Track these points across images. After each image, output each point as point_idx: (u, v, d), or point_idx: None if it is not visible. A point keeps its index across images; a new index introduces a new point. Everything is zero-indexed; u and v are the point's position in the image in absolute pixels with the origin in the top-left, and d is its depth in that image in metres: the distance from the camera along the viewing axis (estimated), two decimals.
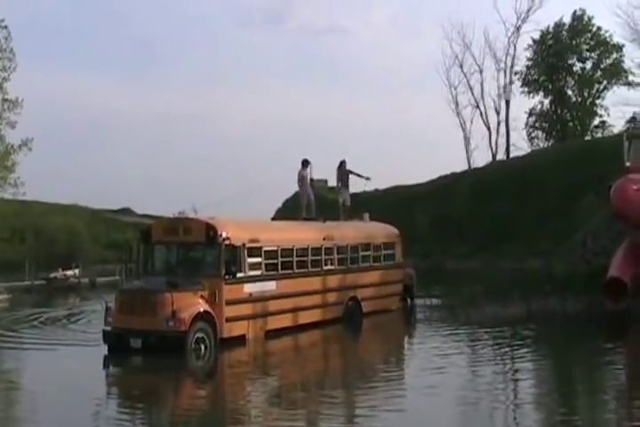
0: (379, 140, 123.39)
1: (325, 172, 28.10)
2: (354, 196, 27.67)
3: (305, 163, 24.99)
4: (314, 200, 25.20)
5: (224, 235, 19.36)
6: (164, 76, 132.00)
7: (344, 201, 26.32)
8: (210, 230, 19.51)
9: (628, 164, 25.96)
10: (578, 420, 11.81)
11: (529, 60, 70.44)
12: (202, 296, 18.79)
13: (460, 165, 70.43)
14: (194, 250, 20.50)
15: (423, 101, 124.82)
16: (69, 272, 52.58)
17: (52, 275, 51.55)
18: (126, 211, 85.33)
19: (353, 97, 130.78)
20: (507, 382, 15.05)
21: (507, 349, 18.59)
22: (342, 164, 26.09)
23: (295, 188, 26.62)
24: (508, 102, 71.74)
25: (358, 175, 26.18)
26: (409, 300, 27.07)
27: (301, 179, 25.06)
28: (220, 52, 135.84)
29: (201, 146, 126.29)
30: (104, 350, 18.65)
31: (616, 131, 62.80)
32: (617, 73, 67.52)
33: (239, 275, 19.54)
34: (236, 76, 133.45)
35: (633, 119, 62.00)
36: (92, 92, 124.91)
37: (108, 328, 18.86)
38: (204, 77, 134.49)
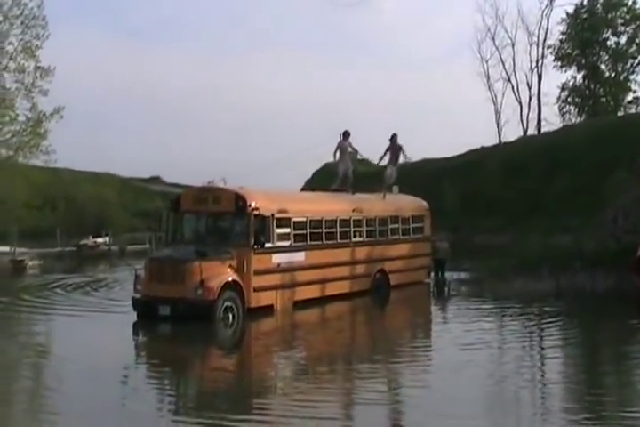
0: (409, 113, 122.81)
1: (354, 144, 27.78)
2: (384, 168, 27.54)
3: (345, 134, 24.96)
4: (352, 173, 25.19)
5: (253, 205, 19.44)
6: (193, 46, 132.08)
7: (390, 176, 26.09)
8: (239, 200, 19.58)
9: None
10: (607, 400, 11.66)
11: (562, 33, 69.56)
12: (230, 266, 18.90)
13: (490, 140, 70.08)
14: (223, 220, 20.56)
15: (454, 75, 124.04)
16: (99, 240, 53.18)
17: (83, 242, 52.17)
18: (156, 180, 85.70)
19: (383, 71, 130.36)
20: (535, 359, 14.94)
21: (535, 325, 18.49)
22: (394, 137, 25.78)
23: (326, 159, 26.66)
24: (540, 76, 71.04)
25: (403, 152, 26.01)
26: (440, 274, 27.02)
27: (341, 150, 24.99)
28: (247, 23, 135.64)
29: (232, 116, 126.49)
30: (133, 317, 18.83)
31: None
32: None
33: (268, 245, 19.63)
34: (265, 48, 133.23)
35: None
36: (124, 60, 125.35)
37: (138, 296, 19.04)
38: (233, 48, 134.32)
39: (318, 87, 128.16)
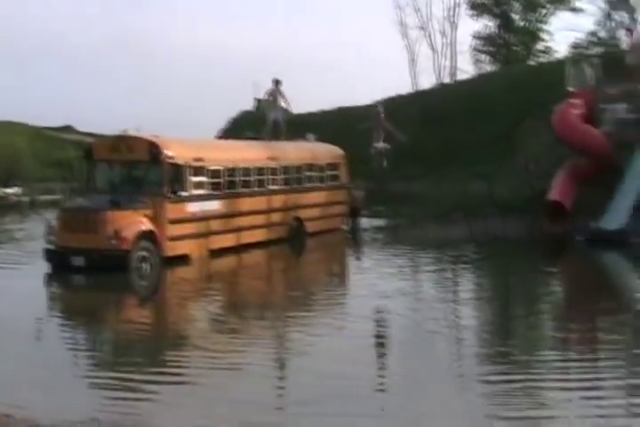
0: (325, 61, 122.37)
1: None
2: (299, 117, 27.42)
3: (276, 82, 24.97)
4: (282, 121, 25.21)
5: (167, 153, 19.22)
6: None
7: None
8: (153, 149, 19.32)
9: (570, 88, 26.21)
10: (516, 342, 12.00)
11: None
12: (145, 215, 18.70)
13: (405, 88, 70.25)
14: (137, 168, 20.28)
15: (369, 23, 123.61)
16: (9, 190, 51.90)
17: None
18: (68, 129, 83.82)
19: (296, 19, 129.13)
20: (448, 305, 14.99)
21: (449, 270, 18.85)
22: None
23: (242, 107, 26.65)
24: (454, 25, 71.31)
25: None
26: (355, 221, 27.20)
27: (272, 98, 25.08)
28: None
29: (147, 63, 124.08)
30: (46, 268, 18.53)
31: (560, 56, 63.03)
32: None
33: (183, 194, 19.47)
34: None
35: (576, 45, 62.65)
36: (35, 9, 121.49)
37: (50, 246, 18.73)
38: None
39: (234, 37, 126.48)
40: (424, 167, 48.30)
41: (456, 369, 10.36)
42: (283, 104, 25.53)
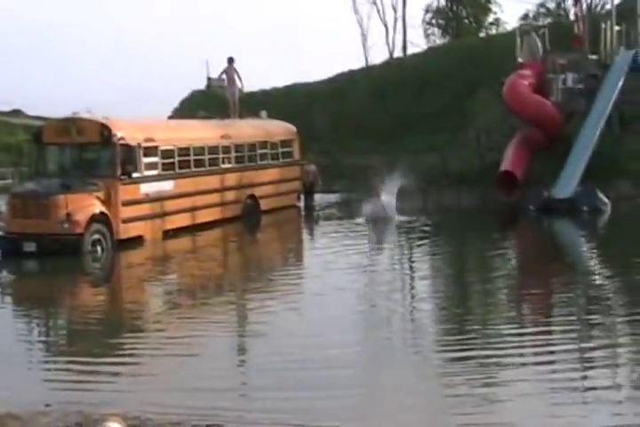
0: (274, 36, 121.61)
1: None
2: (251, 95, 27.29)
3: (230, 60, 25.06)
4: (238, 99, 25.13)
5: (119, 134, 19.02)
6: None
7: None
8: (104, 130, 19.09)
9: (520, 59, 26.39)
10: (472, 314, 12.09)
11: None
12: (97, 197, 18.52)
13: (357, 63, 70.14)
14: (88, 151, 20.06)
15: None
16: None
17: None
18: (17, 113, 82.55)
19: None
20: (404, 279, 15.22)
21: (404, 243, 18.98)
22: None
23: (193, 87, 26.55)
24: None
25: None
26: (309, 197, 27.21)
27: (228, 76, 25.30)
28: None
29: (97, 45, 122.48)
30: None
31: (510, 28, 63.27)
32: None
33: (135, 175, 19.29)
34: None
35: (525, 16, 62.93)
36: None
37: (0, 233, 18.49)
38: None
39: (179, 14, 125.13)
40: (377, 140, 48.50)
41: (412, 344, 10.42)
42: (238, 82, 25.47)
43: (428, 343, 10.35)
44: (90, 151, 20.08)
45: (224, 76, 25.68)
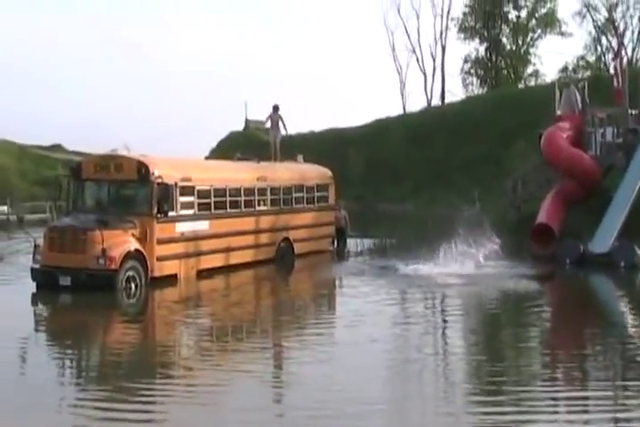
0: (314, 83, 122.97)
1: (260, 113, 28.04)
2: (288, 138, 27.52)
3: (275, 107, 25.75)
4: (279, 144, 25.88)
5: (156, 173, 19.16)
6: (93, 11, 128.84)
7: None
8: (141, 168, 19.25)
9: (558, 112, 26.37)
10: (507, 374, 11.46)
11: (466, 6, 70.28)
12: (133, 235, 18.63)
13: (395, 110, 70.65)
14: (125, 188, 20.22)
15: (361, 45, 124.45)
16: None
17: None
18: (57, 147, 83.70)
19: (290, 38, 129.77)
20: (436, 335, 14.67)
21: (437, 297, 18.51)
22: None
23: (231, 128, 26.87)
24: (444, 48, 71.75)
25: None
26: (342, 242, 27.21)
27: (272, 122, 25.98)
28: None
29: (134, 83, 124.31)
30: (32, 288, 18.41)
31: (548, 80, 63.51)
32: (551, 22, 67.93)
33: (171, 214, 19.40)
34: (178, 9, 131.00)
35: (565, 68, 63.13)
36: (21, 26, 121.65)
37: (37, 266, 18.62)
38: (138, 13, 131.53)
39: (221, 57, 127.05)
40: (411, 187, 48.59)
41: (444, 399, 10.17)
42: (282, 129, 25.94)
43: (461, 403, 9.95)
44: (127, 188, 20.24)
45: (269, 123, 26.17)
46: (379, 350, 12.50)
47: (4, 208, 50.84)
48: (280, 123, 25.92)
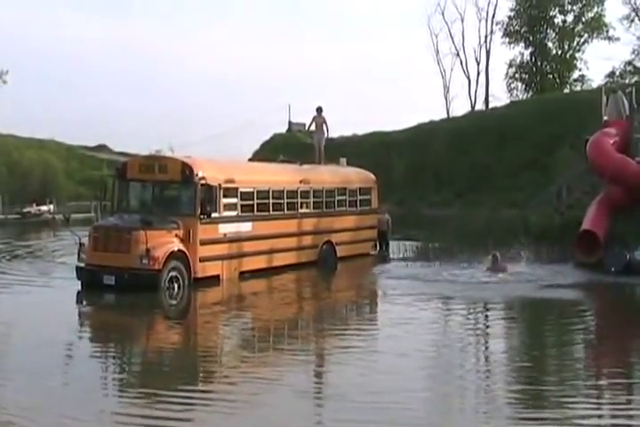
0: (358, 85, 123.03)
1: (304, 116, 28.15)
2: (331, 140, 27.52)
3: (319, 109, 25.81)
4: (323, 147, 25.94)
5: (200, 174, 19.25)
6: (142, 11, 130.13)
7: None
8: (186, 169, 19.36)
9: (605, 118, 26.08)
10: (549, 391, 10.91)
11: (511, 10, 69.89)
12: (176, 235, 18.75)
13: (438, 114, 70.43)
14: (169, 189, 20.35)
15: (404, 48, 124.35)
16: (44, 207, 52.45)
17: (27, 209, 51.37)
18: (102, 148, 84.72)
19: (334, 42, 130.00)
20: (477, 343, 14.27)
21: (480, 305, 18.02)
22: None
23: (274, 130, 26.94)
24: (488, 52, 71.43)
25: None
26: (384, 245, 27.13)
27: (316, 125, 25.98)
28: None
29: (181, 85, 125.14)
30: (77, 286, 18.62)
31: (595, 85, 62.91)
32: (598, 27, 67.27)
33: (214, 215, 19.47)
34: (216, 15, 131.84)
35: (612, 73, 62.40)
36: (72, 26, 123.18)
37: (82, 264, 18.82)
38: (186, 13, 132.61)
39: (267, 58, 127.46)
40: (454, 192, 48.42)
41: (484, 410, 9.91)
42: (325, 131, 25.94)
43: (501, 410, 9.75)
44: (171, 189, 20.38)
45: (313, 125, 26.12)
46: (420, 359, 12.28)
47: (50, 207, 51.53)
48: (324, 125, 25.95)
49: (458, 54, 72.85)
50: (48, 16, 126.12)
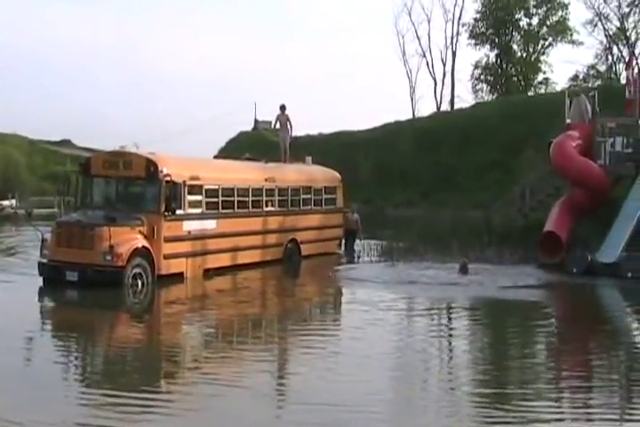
0: (324, 85, 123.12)
1: (270, 115, 28.11)
2: (297, 139, 27.49)
3: (283, 107, 25.76)
4: (288, 145, 25.87)
5: (165, 171, 19.15)
6: (111, 12, 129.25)
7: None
8: (150, 166, 19.26)
9: (568, 121, 26.34)
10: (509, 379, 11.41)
11: (477, 12, 70.39)
12: (140, 232, 18.65)
13: (404, 114, 70.67)
14: (133, 185, 20.22)
15: (371, 49, 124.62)
16: (5, 202, 51.95)
17: None
18: (66, 143, 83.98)
19: (300, 40, 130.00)
20: (441, 337, 14.46)
21: (443, 307, 17.99)
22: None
23: (240, 128, 26.89)
24: (454, 53, 71.80)
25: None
26: (350, 245, 27.13)
27: (280, 123, 25.95)
28: None
29: (147, 82, 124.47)
30: (39, 282, 18.47)
31: (559, 88, 63.54)
32: (562, 31, 68.08)
33: (179, 212, 19.41)
34: (184, 12, 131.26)
35: (575, 77, 63.07)
36: (37, 22, 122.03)
37: (44, 260, 18.66)
38: (152, 10, 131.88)
39: (233, 57, 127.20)
40: (419, 192, 48.61)
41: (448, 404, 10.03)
42: (289, 129, 25.90)
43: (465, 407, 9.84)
44: (135, 186, 20.25)
45: (278, 124, 26.05)
46: (381, 357, 12.31)
47: (12, 202, 51.03)
48: (288, 123, 25.91)
49: (424, 55, 73.23)
50: (15, 6, 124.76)
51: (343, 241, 27.03)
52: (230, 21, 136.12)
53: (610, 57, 65.07)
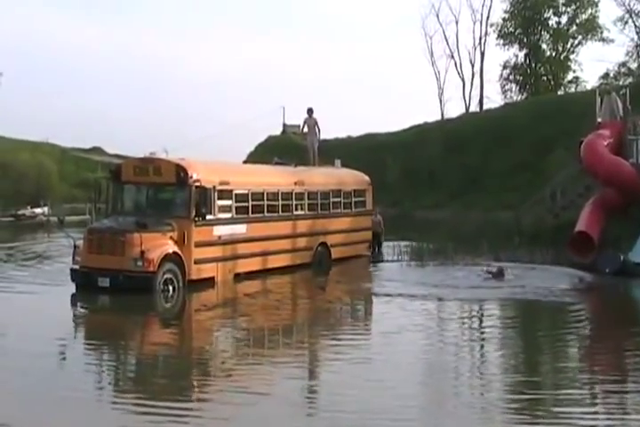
0: (353, 87, 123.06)
1: (298, 118, 28.13)
2: (325, 142, 27.48)
3: (310, 111, 25.71)
4: (317, 148, 25.89)
5: (194, 176, 19.24)
6: (139, 14, 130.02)
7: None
8: (180, 172, 19.36)
9: (599, 120, 26.15)
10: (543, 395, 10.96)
11: (505, 12, 69.92)
12: (171, 237, 18.74)
13: (432, 116, 70.49)
14: (164, 191, 20.31)
15: (399, 50, 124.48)
16: (38, 210, 52.38)
17: (21, 212, 51.30)
18: (97, 150, 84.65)
19: (329, 44, 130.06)
20: (473, 344, 14.31)
21: (475, 306, 18.05)
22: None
23: (269, 132, 26.97)
24: (482, 54, 71.48)
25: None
26: (377, 247, 27.17)
27: (308, 127, 25.97)
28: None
29: (174, 87, 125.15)
30: (72, 288, 18.62)
31: (589, 86, 63.00)
32: (592, 29, 67.36)
33: (209, 217, 19.47)
34: (211, 18, 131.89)
35: (606, 75, 62.47)
36: (69, 32, 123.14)
37: (76, 267, 18.81)
38: (181, 16, 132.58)
39: (261, 58, 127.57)
40: (448, 194, 48.42)
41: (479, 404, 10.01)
42: (317, 132, 25.92)
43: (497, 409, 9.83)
44: (166, 192, 20.34)
45: (306, 128, 26.08)
46: (412, 364, 12.27)
47: (45, 209, 51.45)
48: (316, 127, 25.92)
49: (452, 56, 72.98)
50: (44, 17, 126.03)
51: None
52: (260, 25, 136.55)
53: None
